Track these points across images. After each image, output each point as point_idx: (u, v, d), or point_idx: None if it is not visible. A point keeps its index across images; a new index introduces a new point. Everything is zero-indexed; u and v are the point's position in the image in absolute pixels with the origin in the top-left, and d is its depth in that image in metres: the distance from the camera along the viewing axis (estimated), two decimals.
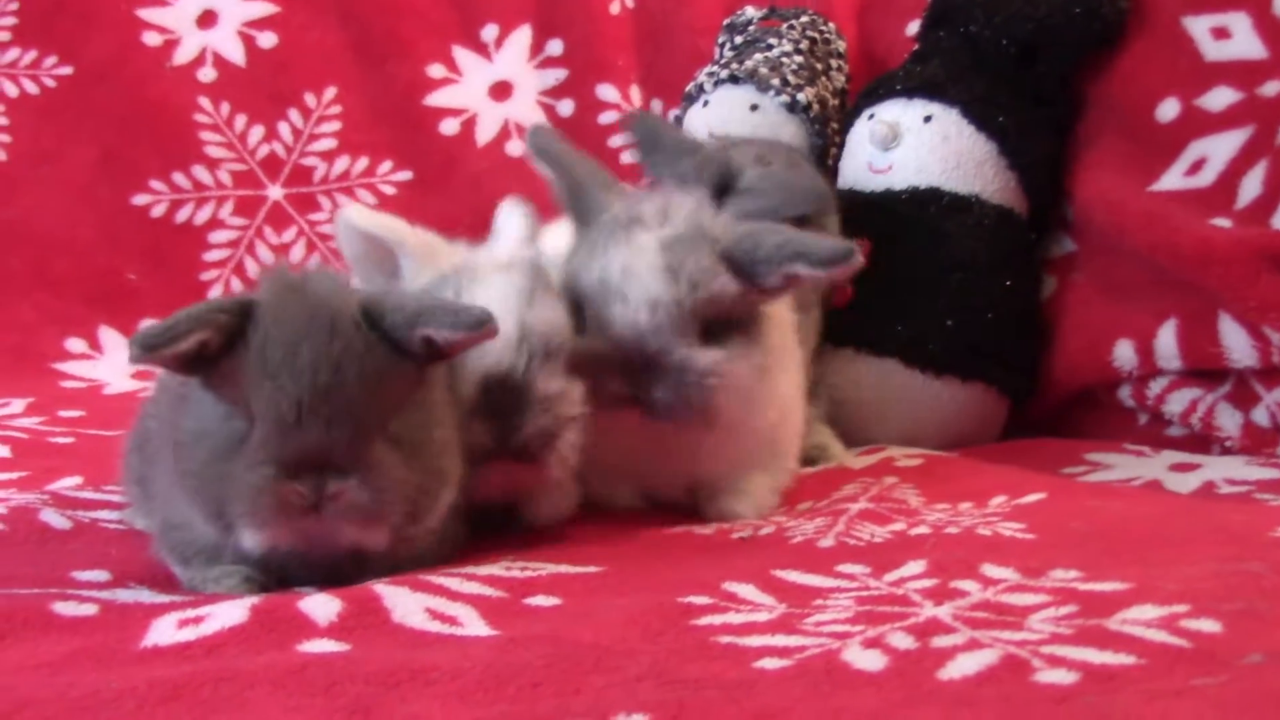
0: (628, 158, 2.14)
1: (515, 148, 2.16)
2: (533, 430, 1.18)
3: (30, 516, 1.28)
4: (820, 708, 0.84)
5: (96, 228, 2.06)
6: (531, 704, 0.85)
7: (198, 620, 0.98)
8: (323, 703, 0.85)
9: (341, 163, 2.12)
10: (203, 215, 2.09)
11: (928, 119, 1.67)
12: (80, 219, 2.05)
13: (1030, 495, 1.34)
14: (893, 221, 1.66)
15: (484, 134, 2.16)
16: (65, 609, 1.02)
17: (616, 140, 2.15)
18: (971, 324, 1.63)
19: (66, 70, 2.10)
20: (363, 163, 2.12)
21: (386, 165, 2.14)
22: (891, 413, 1.64)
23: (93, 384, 1.92)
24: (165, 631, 0.97)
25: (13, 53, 2.11)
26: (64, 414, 1.74)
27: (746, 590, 1.07)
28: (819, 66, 1.83)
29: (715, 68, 1.84)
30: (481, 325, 1.08)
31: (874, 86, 1.76)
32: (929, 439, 1.63)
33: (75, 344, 1.95)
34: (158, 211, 2.09)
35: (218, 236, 2.08)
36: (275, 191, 2.11)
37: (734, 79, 1.81)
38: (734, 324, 1.28)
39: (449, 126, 2.16)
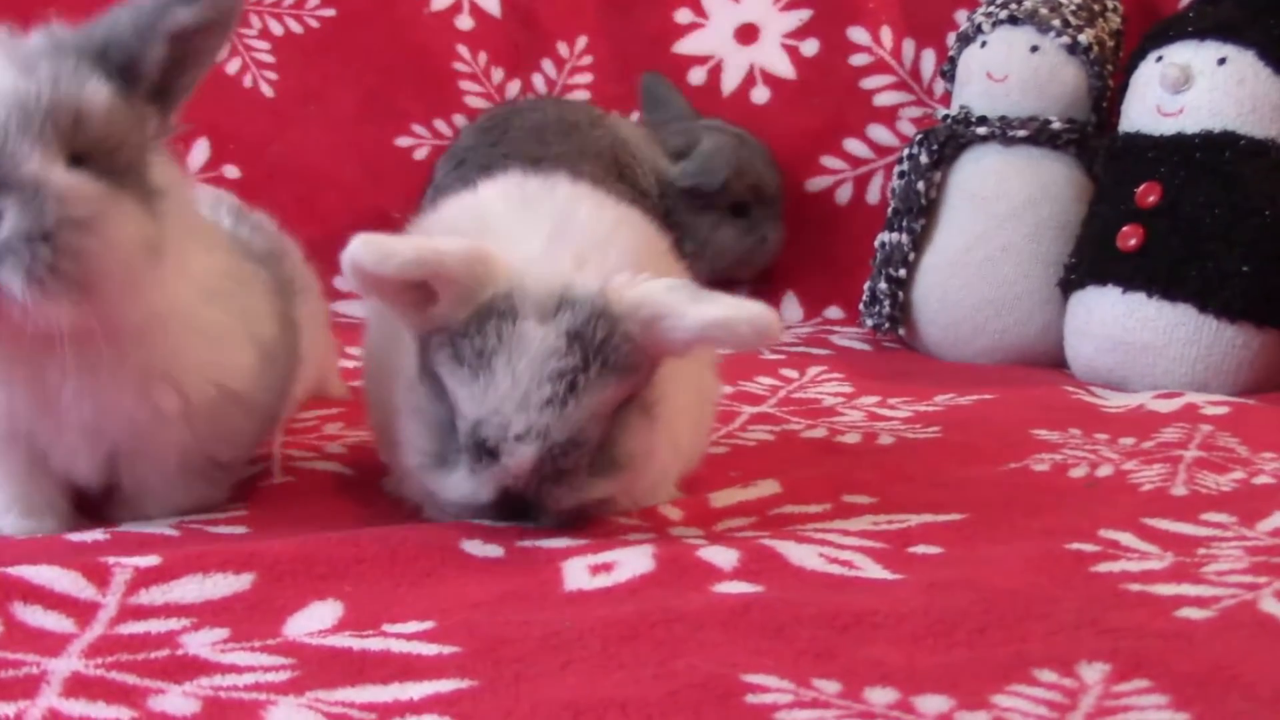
0: (882, 100, 2.13)
1: (760, 94, 2.15)
2: None
3: None
4: (1272, 660, 0.86)
5: (361, 166, 2.10)
6: (989, 649, 0.87)
7: (608, 566, 1.01)
8: (782, 645, 0.87)
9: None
10: None
11: (1222, 61, 1.65)
12: (345, 157, 2.10)
13: None
14: (1185, 165, 1.65)
15: (729, 81, 2.16)
16: (474, 548, 1.05)
17: (867, 83, 2.14)
18: (1268, 270, 1.62)
19: (330, 12, 2.14)
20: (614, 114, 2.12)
21: (634, 116, 2.14)
22: (1183, 357, 1.64)
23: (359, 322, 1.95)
24: (581, 576, 1.00)
25: None
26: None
27: (1126, 538, 1.09)
28: (1096, 8, 1.82)
29: (993, 8, 1.84)
30: None
31: (1162, 28, 1.74)
32: (1219, 384, 1.62)
33: (343, 281, 1.99)
34: (420, 154, 2.12)
35: None
36: None
37: (1013, 19, 1.81)
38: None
39: (696, 75, 2.16)
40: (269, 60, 2.12)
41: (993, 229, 1.81)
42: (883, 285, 1.87)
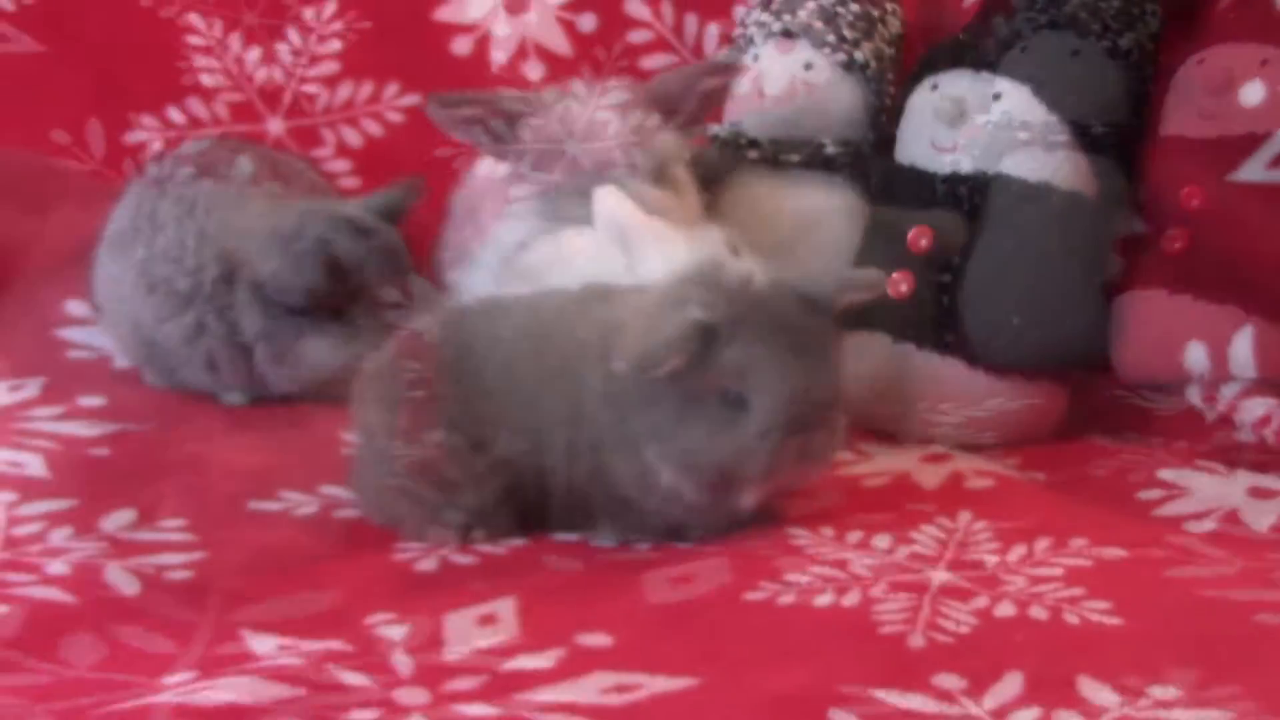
0: None
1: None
2: None
3: None
4: None
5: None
6: (1074, 656, 0.88)
7: (688, 579, 1.03)
8: (867, 656, 0.89)
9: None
10: None
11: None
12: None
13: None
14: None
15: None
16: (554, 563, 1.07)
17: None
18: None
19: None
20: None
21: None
22: (1230, 358, 1.63)
23: None
24: (662, 589, 1.01)
25: None
26: None
27: (1193, 543, 1.10)
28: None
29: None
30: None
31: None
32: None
33: None
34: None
35: None
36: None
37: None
38: None
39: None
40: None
41: (1035, 233, 1.81)
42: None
